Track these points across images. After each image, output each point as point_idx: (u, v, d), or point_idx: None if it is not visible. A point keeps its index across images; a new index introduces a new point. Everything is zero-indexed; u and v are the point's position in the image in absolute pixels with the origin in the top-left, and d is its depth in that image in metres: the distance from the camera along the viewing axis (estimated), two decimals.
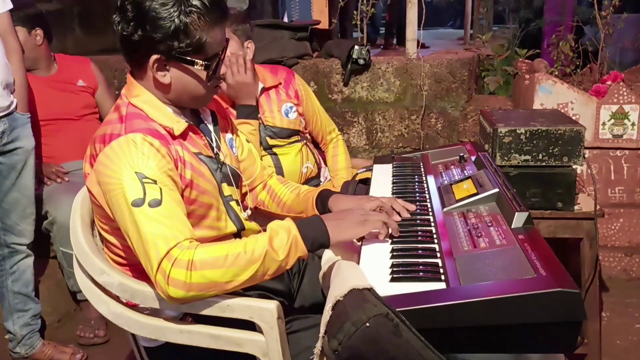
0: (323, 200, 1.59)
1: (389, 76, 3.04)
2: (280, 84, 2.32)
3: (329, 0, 3.83)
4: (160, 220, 1.21)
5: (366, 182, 2.23)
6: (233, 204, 1.49)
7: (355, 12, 3.22)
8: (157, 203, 1.22)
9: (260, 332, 1.27)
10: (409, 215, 1.48)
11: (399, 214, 1.46)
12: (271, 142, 2.28)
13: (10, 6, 2.26)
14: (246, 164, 1.65)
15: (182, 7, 1.28)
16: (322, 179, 2.44)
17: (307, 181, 2.35)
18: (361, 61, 2.96)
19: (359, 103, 3.06)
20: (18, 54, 2.27)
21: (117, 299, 1.37)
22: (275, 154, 2.29)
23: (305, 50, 3.17)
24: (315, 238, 1.27)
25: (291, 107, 2.31)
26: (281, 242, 1.23)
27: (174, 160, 1.32)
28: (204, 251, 1.19)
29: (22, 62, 2.30)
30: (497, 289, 1.06)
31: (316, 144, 2.50)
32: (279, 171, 2.27)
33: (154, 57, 1.32)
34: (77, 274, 1.39)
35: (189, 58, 1.33)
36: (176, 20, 1.28)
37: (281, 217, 1.69)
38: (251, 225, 1.54)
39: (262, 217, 1.71)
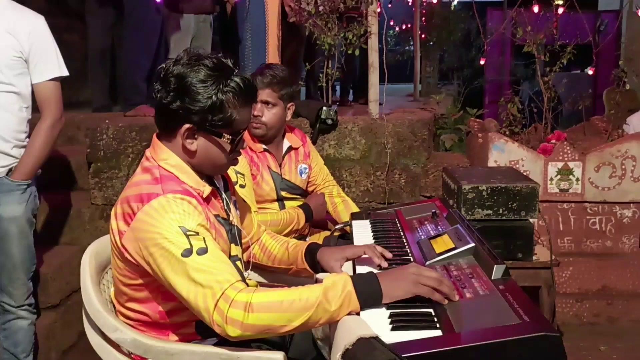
0: (311, 253, 1.73)
1: (354, 135, 3.23)
2: (301, 145, 2.59)
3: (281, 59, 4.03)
4: (210, 265, 1.30)
5: (344, 237, 2.37)
6: (238, 263, 1.59)
7: (320, 75, 3.42)
8: (204, 251, 1.32)
9: None
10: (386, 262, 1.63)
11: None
12: (283, 194, 2.50)
13: (65, 74, 2.28)
14: (245, 223, 1.76)
15: (221, 86, 1.41)
16: (307, 238, 2.58)
17: (298, 236, 2.50)
18: (329, 121, 3.14)
19: (326, 160, 3.20)
20: (47, 124, 2.24)
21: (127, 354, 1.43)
22: (283, 201, 2.51)
23: None
24: (369, 294, 1.34)
25: (305, 168, 2.59)
26: (335, 294, 1.31)
27: (206, 218, 1.42)
28: (262, 296, 1.29)
29: (48, 136, 2.24)
30: (488, 334, 1.20)
31: None
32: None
33: (186, 126, 1.43)
34: (88, 332, 1.45)
35: (218, 131, 1.45)
36: (213, 97, 1.41)
37: (271, 270, 1.82)
38: (251, 283, 1.65)
39: (254, 269, 1.82)
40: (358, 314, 1.34)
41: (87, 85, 4.37)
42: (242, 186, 2.20)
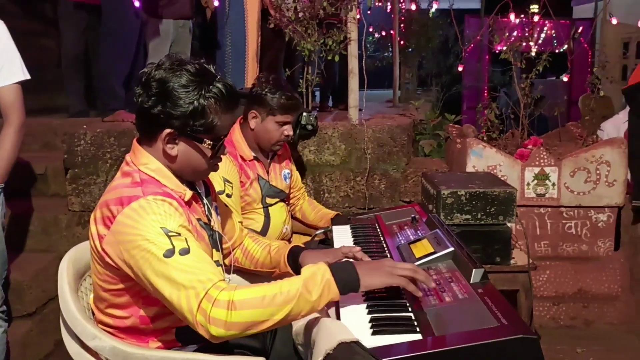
0: (294, 256, 1.73)
1: (334, 140, 3.24)
2: (284, 152, 2.63)
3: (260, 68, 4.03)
4: (192, 265, 1.29)
5: (324, 242, 2.38)
6: (219, 268, 1.59)
7: (300, 81, 3.43)
8: (186, 251, 1.31)
9: None
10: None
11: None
12: (269, 200, 2.51)
13: (28, 77, 2.28)
14: (228, 228, 1.76)
15: (203, 92, 1.41)
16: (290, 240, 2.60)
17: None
18: (309, 127, 3.14)
19: (307, 166, 3.22)
20: (15, 127, 2.25)
21: None
22: (267, 207, 2.51)
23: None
24: (347, 282, 1.36)
25: (288, 173, 2.62)
26: (314, 284, 1.32)
27: (187, 221, 1.41)
28: (243, 292, 1.28)
29: (16, 139, 2.26)
30: (467, 337, 1.22)
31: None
32: (267, 223, 2.49)
33: (167, 130, 1.43)
34: (66, 340, 1.43)
35: (199, 136, 1.45)
36: (195, 102, 1.41)
37: (254, 273, 1.82)
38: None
39: (238, 273, 1.82)
40: (338, 303, 1.36)
41: (63, 91, 4.32)
42: (228, 195, 2.20)
